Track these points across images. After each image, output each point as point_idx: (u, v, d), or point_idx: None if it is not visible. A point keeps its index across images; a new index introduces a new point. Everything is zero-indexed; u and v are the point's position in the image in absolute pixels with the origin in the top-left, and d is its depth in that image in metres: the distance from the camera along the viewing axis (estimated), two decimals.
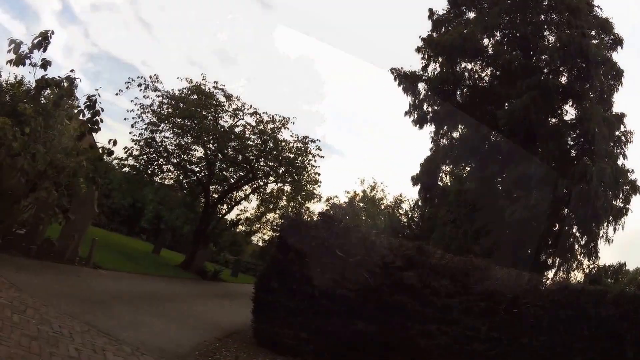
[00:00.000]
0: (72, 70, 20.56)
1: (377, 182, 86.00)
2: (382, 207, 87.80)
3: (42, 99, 20.45)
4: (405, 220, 70.41)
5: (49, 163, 18.88)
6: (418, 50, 41.27)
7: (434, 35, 41.25)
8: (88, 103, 20.56)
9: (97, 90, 20.62)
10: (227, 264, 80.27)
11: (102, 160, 21.87)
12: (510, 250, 32.44)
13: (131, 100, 44.58)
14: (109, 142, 21.16)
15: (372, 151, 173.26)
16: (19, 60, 18.65)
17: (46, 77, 19.27)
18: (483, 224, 36.67)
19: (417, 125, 41.31)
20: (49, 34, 19.07)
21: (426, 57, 41.09)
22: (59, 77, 19.84)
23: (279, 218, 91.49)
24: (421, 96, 40.78)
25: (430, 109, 41.05)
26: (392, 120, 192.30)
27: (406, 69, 40.94)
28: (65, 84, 19.94)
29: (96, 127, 20.74)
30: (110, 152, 21.48)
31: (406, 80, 40.49)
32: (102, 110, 20.51)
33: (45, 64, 19.09)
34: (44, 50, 19.06)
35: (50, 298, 13.81)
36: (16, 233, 21.01)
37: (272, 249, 17.82)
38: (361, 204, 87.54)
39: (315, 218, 22.14)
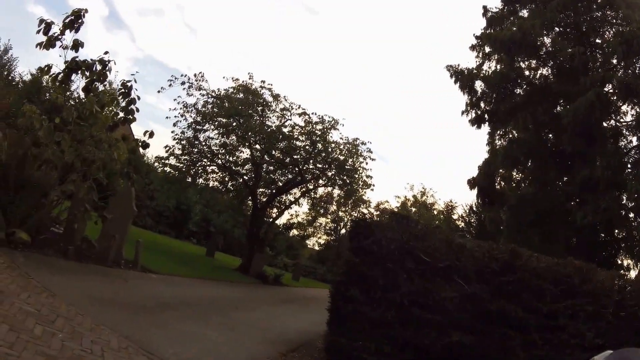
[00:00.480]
0: (106, 52, 18.21)
1: (426, 187, 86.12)
2: (435, 212, 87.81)
3: (73, 84, 18.56)
4: (462, 225, 68.88)
5: (76, 154, 17.07)
6: (472, 48, 40.26)
7: (489, 32, 39.86)
8: (123, 90, 18.91)
9: (133, 75, 18.73)
10: (286, 268, 77.37)
11: (136, 153, 19.66)
12: (584, 255, 30.20)
13: (174, 99, 43.24)
14: (145, 134, 19.22)
15: (416, 156, 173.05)
16: (49, 43, 16.91)
17: (77, 59, 17.31)
18: (550, 229, 35.38)
19: (475, 125, 40.15)
20: (82, 13, 17.21)
21: (481, 55, 40.09)
22: (91, 59, 17.77)
23: (331, 222, 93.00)
24: (478, 94, 39.42)
25: (487, 108, 39.62)
26: (436, 125, 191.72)
27: (462, 66, 39.63)
28: (98, 67, 17.83)
29: (131, 116, 18.78)
30: (146, 145, 19.51)
31: (463, 77, 39.05)
32: (139, 98, 18.62)
33: (77, 45, 17.28)
34: (77, 31, 17.27)
35: (88, 305, 11.97)
36: (52, 231, 19.36)
37: (345, 253, 15.71)
38: (413, 209, 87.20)
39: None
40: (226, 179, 47.09)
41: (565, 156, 35.89)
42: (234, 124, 40.91)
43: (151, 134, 19.03)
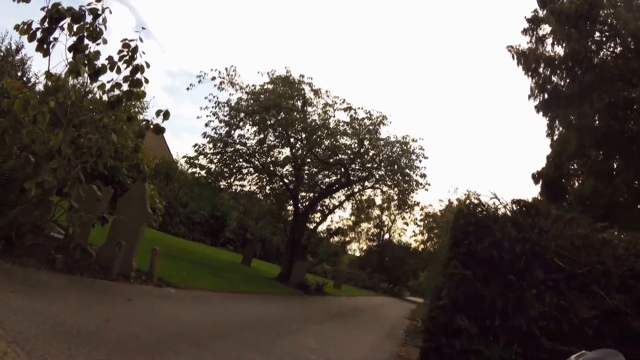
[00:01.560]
0: (98, 0, 13.30)
1: (471, 190, 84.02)
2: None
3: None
4: None
5: (63, 137, 12.12)
6: (525, 31, 35.36)
7: (540, 13, 34.90)
8: (125, 53, 13.59)
9: (138, 32, 13.75)
10: (326, 274, 75.15)
11: (143, 137, 14.48)
12: None
13: (205, 97, 40.29)
14: (158, 114, 14.20)
15: (461, 155, 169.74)
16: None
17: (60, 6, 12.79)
18: (627, 226, 29.40)
19: (542, 112, 35.43)
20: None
21: (534, 38, 35.10)
22: (80, 7, 13.02)
23: (374, 227, 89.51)
24: (543, 77, 34.18)
25: (555, 91, 34.16)
26: (483, 121, 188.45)
27: (523, 47, 34.87)
28: (89, 19, 13.09)
29: (137, 89, 13.84)
30: (160, 129, 14.34)
31: (526, 58, 34.07)
32: (148, 66, 13.60)
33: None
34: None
35: (47, 343, 7.37)
36: (52, 237, 15.77)
37: (448, 265, 12.19)
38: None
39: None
40: (264, 181, 42.99)
41: None
42: (272, 120, 36.71)
43: (166, 115, 13.89)
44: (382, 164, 39.12)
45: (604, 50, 33.47)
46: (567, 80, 33.21)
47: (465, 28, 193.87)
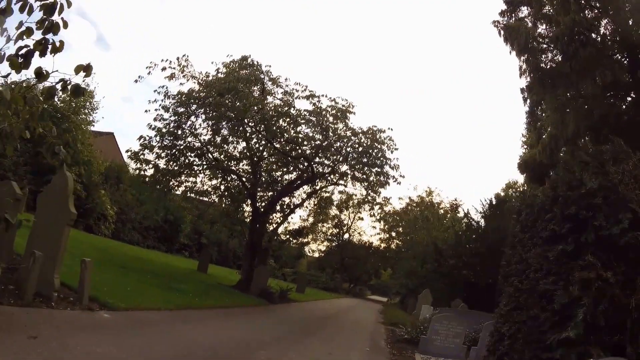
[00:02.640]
0: None
1: (432, 187, 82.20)
2: (441, 211, 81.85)
3: None
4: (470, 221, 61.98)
5: None
6: (502, 13, 31.47)
7: None
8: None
9: None
10: (285, 278, 71.67)
11: (53, 97, 10.32)
12: None
13: (154, 90, 34.92)
14: (78, 70, 10.05)
15: (423, 153, 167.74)
16: None
17: None
18: None
19: (528, 93, 32.28)
20: None
21: (513, 19, 31.33)
22: None
23: (334, 227, 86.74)
24: (534, 54, 30.54)
25: (549, 70, 30.79)
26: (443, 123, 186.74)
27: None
28: None
29: (50, 51, 9.72)
30: (78, 91, 10.09)
31: (515, 33, 29.97)
32: (65, 26, 9.51)
33: None
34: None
35: None
36: None
37: (504, 269, 12.57)
38: (417, 209, 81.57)
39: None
40: (219, 179, 38.83)
41: None
42: (228, 105, 32.54)
43: (87, 70, 9.72)
44: (349, 157, 35.76)
45: (601, 23, 30.13)
46: (561, 58, 29.61)
47: (434, 13, 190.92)
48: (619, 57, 28.94)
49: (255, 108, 32.38)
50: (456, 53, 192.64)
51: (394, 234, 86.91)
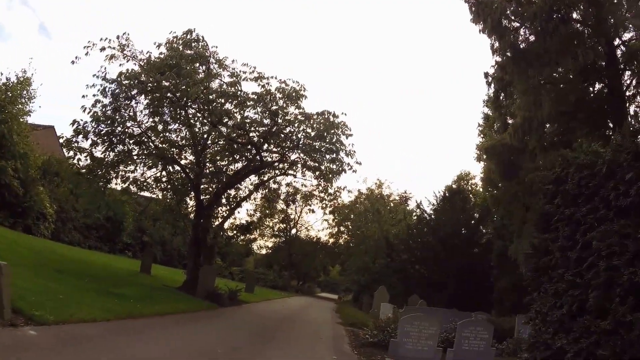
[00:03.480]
0: None
1: (382, 179, 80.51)
2: (392, 204, 79.41)
3: None
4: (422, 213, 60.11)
5: None
6: None
7: None
8: None
9: None
10: (233, 277, 69.42)
11: None
12: None
13: (93, 75, 31.31)
14: None
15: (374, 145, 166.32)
16: None
17: None
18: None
19: (499, 75, 30.12)
20: None
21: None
22: None
23: (280, 222, 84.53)
24: (508, 31, 28.38)
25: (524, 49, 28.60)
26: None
27: None
28: None
29: None
30: None
31: (488, 9, 27.72)
32: None
33: None
34: None
35: None
36: None
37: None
38: (367, 202, 78.31)
39: None
40: (160, 169, 35.21)
41: None
42: (169, 84, 29.78)
43: None
44: (300, 143, 33.23)
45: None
46: (536, 37, 27.74)
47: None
48: (595, 41, 27.08)
49: (202, 88, 29.68)
50: (411, 38, 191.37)
51: (342, 228, 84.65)
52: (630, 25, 27.10)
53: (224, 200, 37.27)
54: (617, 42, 28.14)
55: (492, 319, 28.88)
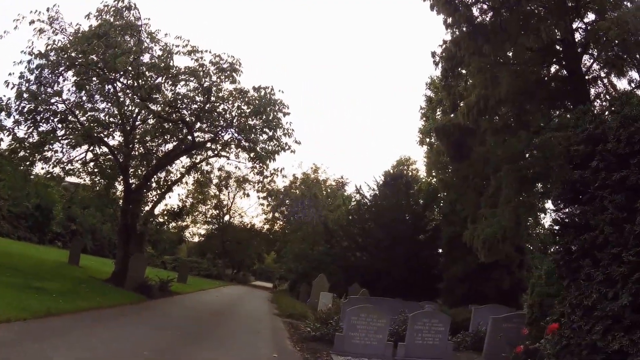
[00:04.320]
0: None
1: (318, 164, 78.88)
2: (329, 190, 78.36)
3: None
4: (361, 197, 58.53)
5: None
6: None
7: None
8: None
9: None
10: (166, 266, 67.31)
11: None
12: None
13: (21, 51, 28.58)
14: None
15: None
16: None
17: None
18: None
19: (453, 49, 28.08)
20: None
21: None
22: None
23: (213, 209, 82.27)
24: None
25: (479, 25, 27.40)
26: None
27: None
28: None
29: None
30: None
31: None
32: None
33: None
34: None
35: None
36: None
37: None
38: (303, 187, 75.93)
39: None
40: (84, 144, 31.31)
41: None
42: (97, 52, 27.06)
43: None
44: (234, 121, 31.17)
45: None
46: (494, 13, 26.67)
47: None
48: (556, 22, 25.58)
49: (130, 59, 27.20)
50: (352, 19, 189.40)
51: (277, 214, 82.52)
52: (595, 7, 25.80)
53: (154, 185, 35.26)
54: (578, 24, 27.01)
55: (445, 310, 27.30)
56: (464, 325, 23.40)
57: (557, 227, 12.26)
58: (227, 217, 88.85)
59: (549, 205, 30.94)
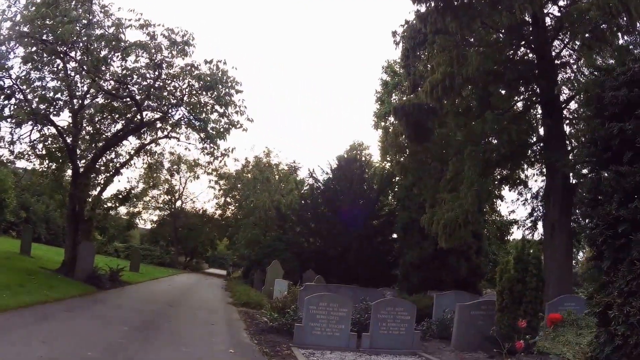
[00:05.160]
0: None
1: (270, 148, 77.88)
2: (281, 174, 75.75)
3: None
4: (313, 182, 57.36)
5: None
6: None
7: None
8: None
9: None
10: (118, 254, 65.52)
11: None
12: None
13: None
14: None
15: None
16: None
17: None
18: None
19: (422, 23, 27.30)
20: None
21: None
22: None
23: (165, 194, 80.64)
24: None
25: None
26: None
27: None
28: None
29: None
30: None
31: None
32: None
33: None
34: None
35: None
36: None
37: None
38: (256, 170, 74.12)
39: None
40: (29, 123, 29.27)
41: None
42: (45, 22, 25.38)
43: None
44: (184, 100, 29.60)
45: None
46: None
47: None
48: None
49: (77, 28, 25.65)
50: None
51: (229, 199, 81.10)
52: None
53: (102, 168, 33.32)
54: (550, 9, 27.08)
55: (404, 298, 26.17)
56: (426, 312, 22.31)
57: (588, 196, 10.22)
58: (179, 203, 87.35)
59: (505, 192, 30.46)
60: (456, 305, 18.50)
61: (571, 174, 25.94)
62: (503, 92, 28.95)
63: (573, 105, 28.86)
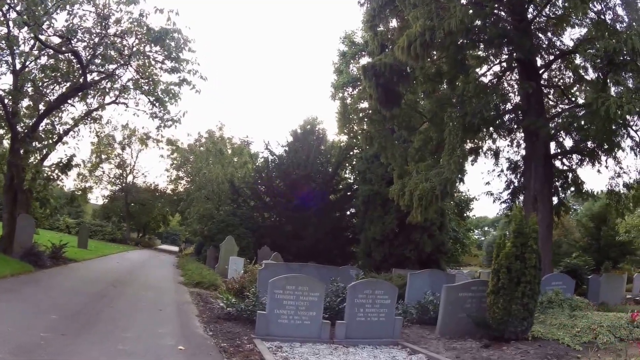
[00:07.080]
0: None
1: (223, 122, 75.32)
2: (233, 148, 73.69)
3: None
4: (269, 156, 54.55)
5: None
6: None
7: None
8: None
9: None
10: (70, 230, 62.13)
11: None
12: None
13: None
14: None
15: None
16: None
17: None
18: None
19: None
20: None
21: None
22: None
23: (117, 168, 77.40)
24: None
25: None
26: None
27: None
28: None
29: None
30: None
31: None
32: None
33: None
34: None
35: None
36: None
37: None
38: (210, 144, 71.95)
39: None
40: None
41: None
42: None
43: None
44: (132, 59, 26.29)
45: None
46: None
47: None
48: None
49: None
50: None
51: (182, 173, 78.47)
52: None
53: (43, 135, 29.54)
54: None
55: (377, 277, 23.35)
56: (399, 294, 19.44)
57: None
58: (130, 178, 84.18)
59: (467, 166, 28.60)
60: (443, 286, 15.51)
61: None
62: (480, 53, 26.77)
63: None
